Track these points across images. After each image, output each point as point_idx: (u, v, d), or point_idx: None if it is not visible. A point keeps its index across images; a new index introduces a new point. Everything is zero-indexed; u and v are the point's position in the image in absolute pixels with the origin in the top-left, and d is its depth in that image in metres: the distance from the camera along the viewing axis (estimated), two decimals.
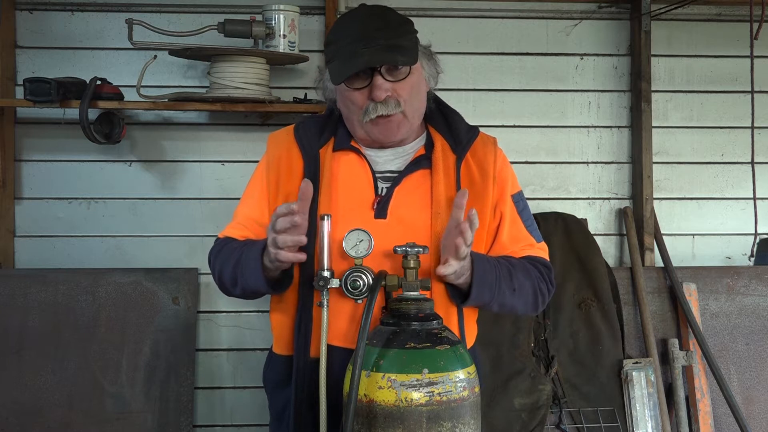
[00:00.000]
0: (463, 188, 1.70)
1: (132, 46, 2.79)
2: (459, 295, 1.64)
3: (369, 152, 1.74)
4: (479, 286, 1.58)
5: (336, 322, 1.61)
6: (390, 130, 1.68)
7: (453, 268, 1.54)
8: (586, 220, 3.13)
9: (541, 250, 1.79)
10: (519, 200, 1.79)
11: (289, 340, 1.69)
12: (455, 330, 1.63)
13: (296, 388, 1.65)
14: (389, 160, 1.74)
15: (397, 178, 1.71)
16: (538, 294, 1.72)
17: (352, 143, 1.74)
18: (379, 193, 1.70)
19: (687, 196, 3.23)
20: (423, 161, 1.72)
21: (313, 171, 1.70)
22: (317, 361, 1.60)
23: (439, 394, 1.41)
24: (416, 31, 1.72)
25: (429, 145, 1.76)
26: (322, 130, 1.76)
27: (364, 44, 1.61)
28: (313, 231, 1.63)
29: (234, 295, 1.74)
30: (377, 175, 1.72)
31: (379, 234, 1.59)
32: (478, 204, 1.70)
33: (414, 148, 1.76)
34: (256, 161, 1.85)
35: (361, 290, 1.54)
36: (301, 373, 1.65)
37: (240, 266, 1.64)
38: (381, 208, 1.67)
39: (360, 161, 1.73)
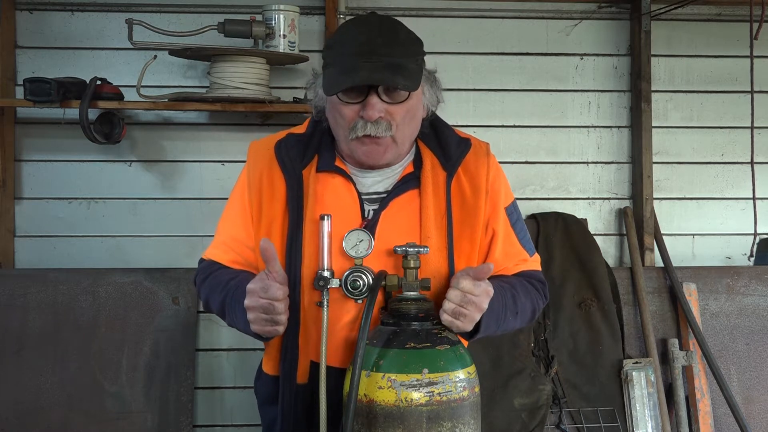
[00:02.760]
0: (454, 208, 1.63)
1: (132, 46, 2.80)
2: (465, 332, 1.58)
3: (355, 172, 1.65)
4: (488, 320, 1.53)
5: (330, 337, 1.53)
6: (376, 154, 1.58)
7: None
8: (586, 220, 3.13)
9: (535, 263, 1.74)
10: (512, 212, 1.71)
11: (276, 361, 1.65)
12: None
13: (283, 414, 1.61)
14: (377, 182, 1.65)
15: (384, 201, 1.62)
16: (536, 312, 1.70)
17: (338, 163, 1.64)
18: (366, 216, 1.62)
19: (687, 196, 3.23)
20: (411, 181, 1.63)
21: (296, 194, 1.60)
22: (304, 387, 1.58)
23: (439, 394, 1.41)
24: (424, 53, 1.61)
25: (418, 161, 1.66)
26: (305, 150, 1.65)
27: (367, 58, 1.49)
28: (299, 261, 1.58)
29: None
30: (364, 196, 1.63)
31: (367, 258, 1.55)
32: (470, 221, 1.63)
33: (402, 165, 1.67)
34: None
35: (361, 290, 1.54)
36: (288, 399, 1.60)
37: (227, 307, 1.59)
38: None
39: (345, 183, 1.63)
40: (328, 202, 1.62)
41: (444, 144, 1.68)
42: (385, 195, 1.64)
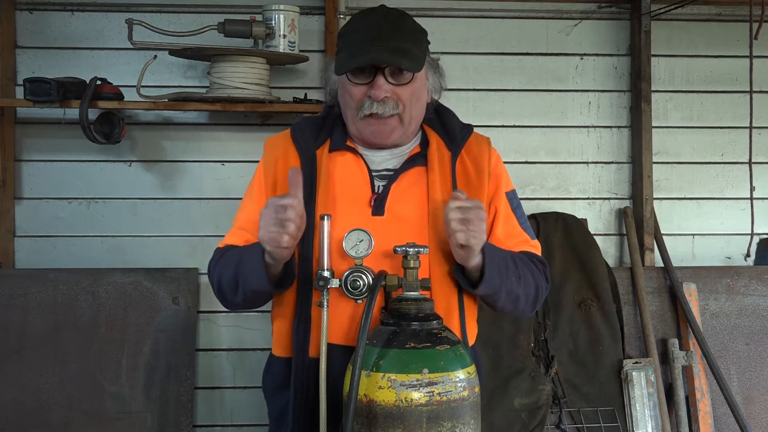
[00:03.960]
0: (459, 186, 1.71)
1: (132, 46, 2.80)
2: (469, 282, 1.63)
3: (365, 152, 1.75)
4: (490, 268, 1.58)
5: (336, 321, 1.60)
6: (383, 133, 1.69)
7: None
8: (586, 220, 3.13)
9: (535, 248, 1.80)
10: (513, 198, 1.79)
11: (288, 341, 1.68)
12: (456, 329, 1.63)
13: (295, 390, 1.64)
14: (386, 160, 1.75)
15: (393, 176, 1.71)
16: (539, 289, 1.73)
17: (348, 143, 1.75)
18: (376, 190, 1.70)
19: (687, 196, 3.23)
20: (419, 159, 1.73)
21: (309, 172, 1.70)
22: (316, 360, 1.59)
23: (439, 394, 1.41)
24: (428, 42, 1.74)
25: (424, 143, 1.77)
26: (319, 132, 1.77)
27: (375, 42, 1.63)
28: (311, 231, 1.64)
29: (234, 304, 1.73)
30: (374, 173, 1.73)
31: (377, 231, 1.59)
32: (475, 198, 1.69)
33: (410, 147, 1.77)
34: (256, 161, 1.85)
35: (361, 290, 1.54)
36: (300, 374, 1.64)
37: (241, 266, 1.63)
38: (378, 206, 1.68)
39: (356, 160, 1.73)
40: (339, 178, 1.72)
41: (448, 127, 1.79)
42: (394, 172, 1.72)
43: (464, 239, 1.53)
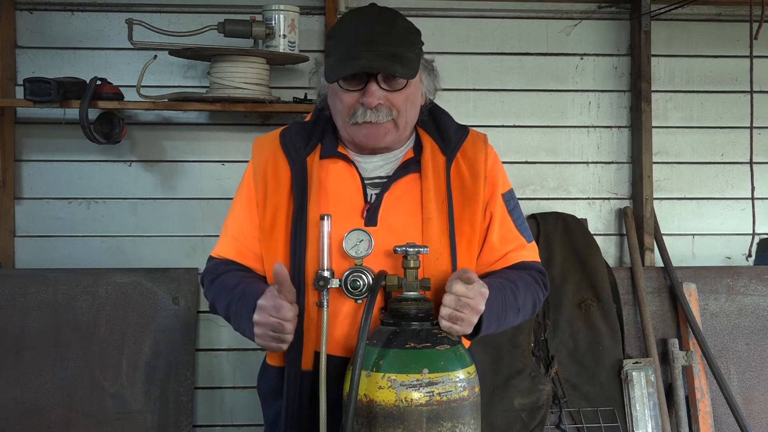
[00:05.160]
0: (454, 192, 1.66)
1: (132, 46, 2.80)
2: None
3: (357, 158, 1.68)
4: (488, 320, 1.54)
5: (332, 330, 1.57)
6: (375, 136, 1.62)
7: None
8: (586, 220, 3.13)
9: (532, 252, 1.76)
10: (509, 199, 1.74)
11: (280, 352, 1.65)
12: None
13: (287, 400, 1.62)
14: (378, 166, 1.69)
15: (386, 184, 1.65)
16: (536, 305, 1.71)
17: (340, 149, 1.68)
18: (369, 199, 1.65)
19: (687, 196, 3.23)
20: (412, 165, 1.67)
21: (300, 180, 1.64)
22: (309, 374, 1.59)
23: (439, 394, 1.41)
24: (422, 43, 1.66)
25: (418, 147, 1.70)
26: (309, 137, 1.70)
27: (367, 47, 1.55)
28: (304, 242, 1.60)
29: None
30: (366, 181, 1.67)
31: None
32: (470, 204, 1.66)
33: (403, 152, 1.71)
34: None
35: (361, 290, 1.54)
36: (293, 387, 1.61)
37: (231, 313, 1.62)
38: (371, 216, 1.63)
39: (348, 168, 1.67)
40: (331, 187, 1.66)
41: (443, 130, 1.73)
42: (386, 179, 1.67)
43: (447, 330, 1.50)
